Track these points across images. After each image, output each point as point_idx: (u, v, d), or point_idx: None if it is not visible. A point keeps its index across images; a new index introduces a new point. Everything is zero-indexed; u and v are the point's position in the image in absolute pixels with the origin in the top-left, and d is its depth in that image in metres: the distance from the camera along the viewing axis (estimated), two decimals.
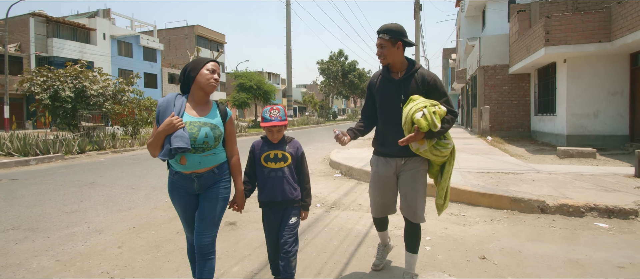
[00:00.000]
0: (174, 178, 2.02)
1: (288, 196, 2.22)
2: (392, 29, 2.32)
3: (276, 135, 2.22)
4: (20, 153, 9.87)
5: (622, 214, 3.84)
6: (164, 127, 1.86)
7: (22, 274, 2.75)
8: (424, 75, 2.37)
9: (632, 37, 8.36)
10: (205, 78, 1.98)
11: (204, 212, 2.02)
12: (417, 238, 2.43)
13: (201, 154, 1.96)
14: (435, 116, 2.16)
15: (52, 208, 4.65)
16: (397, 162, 2.41)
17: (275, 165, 2.21)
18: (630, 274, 2.64)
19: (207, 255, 2.01)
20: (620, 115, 10.15)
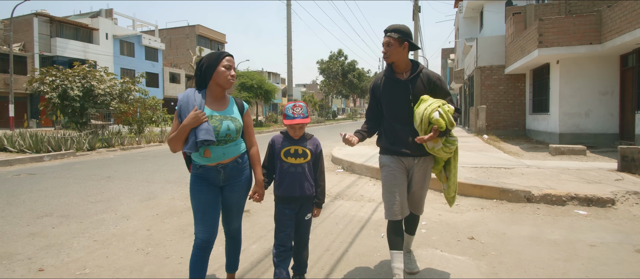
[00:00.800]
0: (199, 172, 2.06)
1: (306, 192, 2.24)
2: (401, 29, 2.37)
3: (298, 132, 2.26)
4: (32, 150, 10.23)
5: (600, 202, 4.24)
6: (189, 121, 1.92)
7: (66, 252, 3.13)
8: (429, 75, 2.42)
9: (621, 39, 8.77)
10: (223, 76, 2.03)
11: (231, 202, 2.14)
12: (417, 223, 2.70)
13: (224, 146, 2.04)
14: (450, 114, 2.24)
15: (77, 198, 5.03)
16: (409, 161, 2.42)
17: (295, 160, 2.24)
18: (598, 251, 3.03)
19: (236, 236, 2.29)
20: (611, 114, 10.57)
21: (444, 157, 2.43)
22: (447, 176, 2.57)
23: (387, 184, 2.44)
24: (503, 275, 2.60)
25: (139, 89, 15.14)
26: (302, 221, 2.29)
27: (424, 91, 2.38)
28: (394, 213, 2.39)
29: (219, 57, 2.05)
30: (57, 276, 2.66)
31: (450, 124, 2.23)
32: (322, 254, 3.02)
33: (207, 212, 2.05)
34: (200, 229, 2.05)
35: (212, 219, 2.06)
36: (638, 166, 5.67)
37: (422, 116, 2.24)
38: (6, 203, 4.80)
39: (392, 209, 2.39)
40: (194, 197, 2.06)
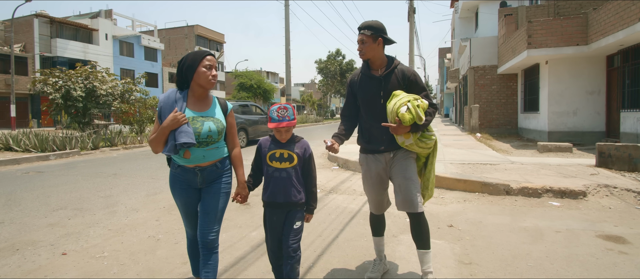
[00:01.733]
0: (176, 172, 2.03)
1: (291, 198, 2.12)
2: (373, 26, 2.34)
3: (284, 135, 2.15)
4: (37, 149, 10.54)
5: (573, 194, 4.60)
6: (168, 123, 1.88)
7: (84, 239, 3.47)
8: (404, 70, 2.40)
9: (605, 40, 9.13)
10: (204, 77, 1.98)
11: (208, 207, 2.05)
12: (425, 231, 2.32)
13: (205, 148, 1.98)
14: (419, 109, 2.21)
15: (88, 193, 5.37)
16: (385, 157, 2.41)
17: (279, 165, 2.13)
18: (562, 236, 3.38)
19: (212, 249, 2.04)
20: (597, 113, 10.94)
21: (420, 152, 2.38)
22: (424, 171, 2.50)
23: (365, 183, 2.54)
24: (473, 256, 2.95)
25: (140, 90, 15.45)
26: (290, 230, 2.11)
27: (398, 87, 2.36)
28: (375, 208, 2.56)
29: (199, 57, 1.99)
30: (79, 259, 3.00)
31: (418, 118, 2.19)
32: (314, 239, 3.36)
33: (190, 212, 2.07)
34: (188, 227, 2.11)
35: (195, 219, 2.08)
36: (614, 162, 6.03)
37: (391, 111, 2.25)
38: (21, 198, 5.13)
39: (371, 204, 2.57)
40: (176, 198, 2.08)
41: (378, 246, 2.62)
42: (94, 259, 2.98)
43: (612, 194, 4.62)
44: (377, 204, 2.52)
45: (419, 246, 2.34)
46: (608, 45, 9.19)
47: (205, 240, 2.03)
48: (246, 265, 2.82)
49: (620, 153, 6.01)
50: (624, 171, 5.83)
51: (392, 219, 3.91)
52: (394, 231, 3.55)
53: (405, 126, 2.20)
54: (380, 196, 2.48)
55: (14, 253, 3.15)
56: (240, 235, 3.47)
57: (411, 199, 2.31)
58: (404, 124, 2.19)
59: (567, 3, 11.83)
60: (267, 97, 27.64)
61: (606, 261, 2.84)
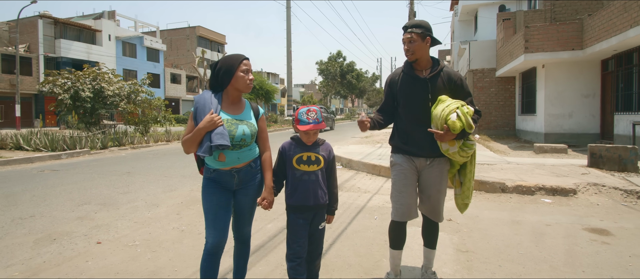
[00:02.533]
0: (212, 175, 2.04)
1: (319, 200, 2.15)
2: (422, 24, 2.28)
3: (312, 137, 2.17)
4: (48, 149, 10.84)
5: (564, 192, 4.92)
6: (205, 125, 1.91)
7: (114, 230, 3.78)
8: (450, 74, 2.32)
9: (599, 46, 9.46)
10: (243, 81, 2.02)
11: (244, 207, 2.11)
12: (437, 234, 2.48)
13: (239, 150, 2.01)
14: (468, 116, 2.12)
15: (107, 190, 5.68)
16: (421, 162, 2.34)
17: (308, 168, 2.14)
18: (551, 229, 3.71)
19: (246, 241, 2.23)
20: (592, 115, 11.28)
21: (460, 161, 2.30)
22: (462, 180, 2.41)
23: (397, 183, 2.37)
24: (470, 245, 3.27)
25: (146, 91, 15.77)
26: (315, 231, 2.20)
27: (444, 90, 2.28)
28: (401, 214, 2.34)
29: (237, 62, 2.02)
30: (113, 247, 3.31)
31: (468, 126, 2.11)
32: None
33: (219, 215, 2.02)
34: (211, 233, 2.02)
35: (223, 223, 2.03)
36: (605, 162, 6.36)
37: (439, 117, 2.15)
38: (45, 195, 5.44)
39: (399, 210, 2.35)
40: (206, 200, 2.04)
41: (395, 261, 2.48)
42: (128, 247, 3.30)
43: (600, 192, 4.94)
44: (406, 209, 2.34)
45: (427, 244, 2.49)
46: (602, 50, 9.52)
47: (242, 234, 2.18)
48: (266, 253, 3.14)
49: (610, 154, 6.34)
50: (614, 171, 6.15)
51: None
52: None
53: (453, 133, 2.12)
54: (410, 198, 2.34)
55: (52, 242, 3.46)
56: (256, 227, 3.79)
57: (440, 211, 2.39)
58: (453, 132, 2.11)
59: (563, 9, 12.17)
60: (268, 98, 27.99)
61: (589, 250, 3.17)
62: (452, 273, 2.74)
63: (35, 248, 3.30)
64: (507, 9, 19.39)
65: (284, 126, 27.57)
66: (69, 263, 2.97)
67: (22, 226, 3.94)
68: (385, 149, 10.04)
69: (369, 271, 2.79)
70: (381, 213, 4.33)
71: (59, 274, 2.76)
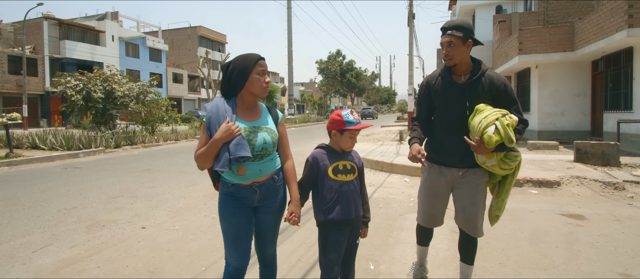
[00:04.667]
0: (230, 191, 1.84)
1: (359, 211, 2.02)
2: (463, 26, 2.10)
3: (355, 141, 2.02)
4: (64, 148, 11.35)
5: (548, 184, 5.47)
6: (222, 135, 1.72)
7: (153, 218, 4.32)
8: (492, 78, 2.13)
9: (589, 48, 10.01)
10: (258, 85, 1.82)
11: (267, 226, 1.93)
12: (474, 250, 2.30)
13: (260, 161, 1.82)
14: (509, 129, 1.93)
15: (134, 185, 6.22)
16: (453, 173, 2.21)
17: (345, 177, 1.97)
18: (534, 214, 4.26)
19: (272, 263, 2.01)
20: (583, 113, 11.84)
21: (500, 173, 2.12)
22: (499, 191, 2.24)
23: (422, 192, 2.36)
24: None
25: (154, 91, 16.30)
26: (353, 246, 2.04)
27: (484, 97, 2.11)
28: (424, 221, 2.36)
29: (251, 62, 1.81)
30: (157, 231, 3.85)
31: (508, 140, 1.92)
32: None
33: (240, 236, 1.84)
34: (233, 255, 1.85)
35: (245, 245, 1.86)
36: (590, 157, 6.92)
37: (476, 130, 1.99)
38: (79, 189, 5.97)
39: (421, 216, 2.39)
40: (225, 220, 1.86)
41: (421, 254, 2.59)
42: (170, 231, 3.84)
43: (582, 184, 5.50)
44: (428, 217, 2.33)
45: (464, 260, 2.33)
46: (591, 52, 10.07)
47: (266, 257, 1.96)
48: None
49: (595, 150, 6.89)
50: (597, 166, 6.71)
51: (398, 203, 4.78)
52: (400, 211, 4.42)
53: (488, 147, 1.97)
54: (434, 209, 2.30)
55: (102, 228, 4.00)
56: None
57: (475, 225, 2.22)
58: (488, 147, 1.96)
59: (556, 12, 12.71)
60: (270, 97, 28.49)
61: (565, 230, 3.72)
62: (446, 247, 3.30)
63: (89, 232, 3.84)
64: (504, 10, 19.94)
65: (286, 124, 28.01)
66: (124, 243, 3.52)
67: (70, 215, 4.48)
68: (386, 147, 10.58)
69: (378, 247, 3.33)
70: (385, 203, 4.88)
71: (118, 252, 3.31)
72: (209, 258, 3.14)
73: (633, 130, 9.11)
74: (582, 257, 3.07)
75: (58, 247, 3.43)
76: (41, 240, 3.62)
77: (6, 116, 9.83)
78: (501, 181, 2.24)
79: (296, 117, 36.27)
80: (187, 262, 3.06)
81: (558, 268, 2.86)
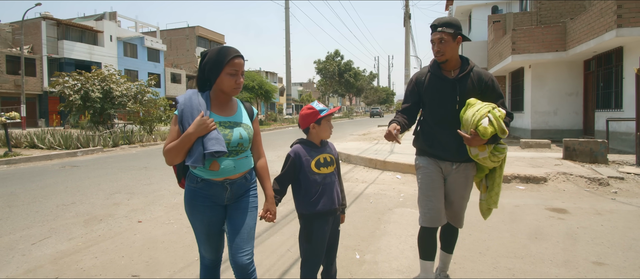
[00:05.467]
0: (198, 187, 1.76)
1: (340, 200, 2.12)
2: (453, 23, 2.15)
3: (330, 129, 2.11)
4: (62, 147, 11.45)
5: (535, 180, 5.62)
6: (196, 129, 1.65)
7: (149, 213, 4.44)
8: (480, 74, 2.21)
9: (580, 48, 10.17)
10: (229, 84, 1.74)
11: (240, 225, 1.81)
12: (455, 240, 2.43)
13: (235, 157, 1.77)
14: (500, 120, 2.01)
15: (131, 182, 6.34)
16: (446, 166, 2.26)
17: (327, 170, 2.06)
18: (519, 209, 4.40)
19: (250, 274, 1.80)
20: (576, 112, 12.01)
21: (490, 166, 2.19)
22: (488, 185, 2.33)
23: (424, 187, 2.28)
24: None
25: (152, 91, 16.41)
26: (336, 234, 2.14)
27: (473, 92, 2.18)
28: (430, 219, 2.24)
29: (224, 59, 1.72)
30: (153, 225, 3.98)
31: (501, 131, 2.01)
32: None
33: (212, 233, 1.81)
34: (208, 250, 1.84)
35: (218, 241, 1.85)
36: (578, 155, 7.07)
37: (470, 122, 2.04)
38: (77, 186, 6.09)
39: (427, 215, 2.25)
40: (195, 217, 1.79)
41: (428, 274, 2.34)
42: (165, 224, 3.97)
43: (568, 180, 5.65)
44: (436, 214, 2.24)
45: (444, 248, 2.45)
46: (583, 51, 10.23)
47: (240, 263, 1.77)
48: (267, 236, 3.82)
49: (583, 147, 7.04)
50: (585, 163, 6.86)
51: (388, 198, 4.91)
52: (389, 206, 4.56)
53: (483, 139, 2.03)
54: (438, 202, 2.25)
55: (100, 222, 4.12)
56: None
57: (461, 217, 2.35)
58: (484, 138, 2.02)
59: (548, 12, 12.87)
60: (268, 97, 28.62)
61: (546, 223, 3.86)
62: None
63: (87, 226, 3.96)
64: (500, 10, 20.11)
65: (283, 124, 28.23)
66: (121, 235, 3.64)
67: (68, 210, 4.60)
68: (381, 145, 10.72)
69: (365, 238, 3.47)
70: (376, 198, 5.01)
71: (115, 243, 3.43)
72: None
73: (623, 128, 9.27)
74: (559, 247, 3.21)
75: (56, 239, 3.56)
76: (40, 233, 3.74)
77: (5, 115, 9.94)
78: (489, 174, 2.31)
79: (294, 117, 36.41)
80: (181, 253, 3.19)
81: (534, 257, 3.00)
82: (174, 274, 2.80)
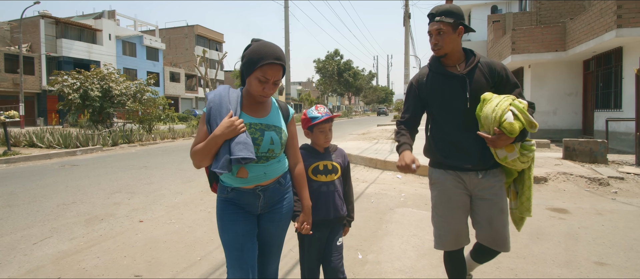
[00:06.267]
0: (230, 196, 1.62)
1: (340, 212, 1.96)
2: (453, 11, 1.85)
3: (329, 135, 1.97)
4: (61, 146, 11.42)
5: (536, 180, 5.62)
6: (223, 131, 1.49)
7: (150, 212, 4.43)
8: (490, 64, 1.91)
9: (580, 48, 10.20)
10: (256, 90, 1.57)
11: (272, 237, 1.71)
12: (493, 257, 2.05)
13: (265, 163, 1.61)
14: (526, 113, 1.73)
15: (132, 181, 6.33)
16: (471, 178, 1.90)
17: (325, 178, 1.94)
18: None
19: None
20: (575, 112, 12.04)
21: (520, 168, 1.86)
22: (517, 190, 1.98)
23: (438, 206, 1.98)
24: None
25: (151, 90, 16.38)
26: (334, 248, 1.95)
27: (487, 86, 1.88)
28: (446, 242, 1.95)
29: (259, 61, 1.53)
30: (154, 224, 3.97)
31: (530, 125, 1.72)
32: None
33: (246, 248, 1.61)
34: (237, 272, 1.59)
35: (252, 258, 1.62)
36: (578, 155, 7.08)
37: (491, 120, 1.73)
38: (77, 185, 6.08)
39: (443, 238, 1.96)
40: (226, 230, 1.62)
41: None
42: (167, 224, 3.96)
43: (568, 180, 5.66)
44: (456, 235, 1.95)
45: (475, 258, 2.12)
46: (582, 52, 10.25)
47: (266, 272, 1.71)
48: None
49: (582, 147, 7.06)
50: (585, 162, 6.88)
51: (389, 198, 4.92)
52: (390, 206, 4.56)
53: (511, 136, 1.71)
54: (460, 224, 1.94)
55: (101, 221, 4.11)
56: None
57: (505, 237, 1.90)
58: (511, 136, 1.70)
59: (548, 12, 12.89)
60: None
61: (547, 222, 3.87)
62: (433, 239, 3.44)
63: (88, 226, 3.95)
64: (499, 10, 20.14)
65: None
66: (122, 235, 3.63)
67: (69, 210, 4.59)
68: (381, 145, 10.73)
69: (367, 238, 3.47)
70: (377, 198, 5.02)
71: (117, 243, 3.43)
72: (204, 248, 3.26)
73: (622, 128, 9.29)
74: (561, 247, 3.22)
75: (58, 239, 3.55)
76: (41, 233, 3.73)
77: (4, 114, 9.90)
78: (517, 178, 1.97)
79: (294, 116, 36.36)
80: (183, 252, 3.19)
81: (536, 257, 3.00)
82: (177, 274, 2.80)
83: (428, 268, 2.84)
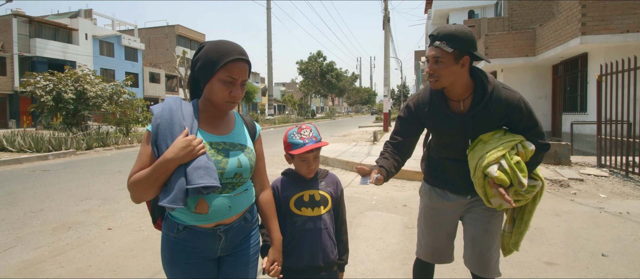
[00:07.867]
0: (180, 237, 1.26)
1: (330, 256, 1.59)
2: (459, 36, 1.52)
3: (314, 165, 1.59)
4: (33, 150, 11.10)
5: None
6: (177, 153, 1.16)
7: (120, 219, 4.41)
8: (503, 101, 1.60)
9: (548, 53, 10.62)
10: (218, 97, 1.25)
11: None
12: None
13: (231, 193, 1.28)
14: (517, 169, 1.52)
15: (103, 187, 6.24)
16: (460, 199, 1.79)
17: (312, 212, 1.57)
18: None
19: None
20: (544, 115, 12.51)
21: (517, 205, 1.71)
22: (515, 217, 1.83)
23: (421, 219, 1.92)
24: (415, 222, 4.10)
25: (128, 91, 16.09)
26: None
27: (496, 125, 1.65)
28: (424, 254, 1.92)
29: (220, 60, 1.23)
30: (123, 232, 3.96)
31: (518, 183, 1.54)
32: None
33: None
34: None
35: None
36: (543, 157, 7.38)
37: (475, 166, 1.59)
38: (46, 192, 5.95)
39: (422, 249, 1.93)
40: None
41: None
42: (136, 231, 3.96)
43: None
44: (432, 251, 1.88)
45: None
46: (550, 57, 10.68)
47: None
48: None
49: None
50: (549, 164, 7.18)
51: (361, 202, 5.04)
52: (361, 209, 4.68)
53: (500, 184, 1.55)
54: (438, 242, 1.86)
55: (68, 230, 4.07)
56: None
57: (488, 261, 1.73)
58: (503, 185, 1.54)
59: (520, 18, 13.37)
60: (250, 98, 28.49)
61: None
62: (396, 241, 3.56)
63: (55, 234, 3.91)
64: (476, 15, 20.69)
65: (265, 125, 28.10)
66: (89, 244, 3.61)
67: (36, 218, 4.51)
68: (359, 147, 10.89)
69: None
70: (349, 202, 5.11)
71: (83, 252, 3.41)
72: None
73: (588, 131, 9.73)
74: None
75: (22, 249, 3.50)
76: (5, 242, 3.67)
77: None
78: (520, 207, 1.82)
79: (276, 117, 36.32)
80: (150, 261, 3.20)
81: None
82: None
83: (388, 271, 2.95)
